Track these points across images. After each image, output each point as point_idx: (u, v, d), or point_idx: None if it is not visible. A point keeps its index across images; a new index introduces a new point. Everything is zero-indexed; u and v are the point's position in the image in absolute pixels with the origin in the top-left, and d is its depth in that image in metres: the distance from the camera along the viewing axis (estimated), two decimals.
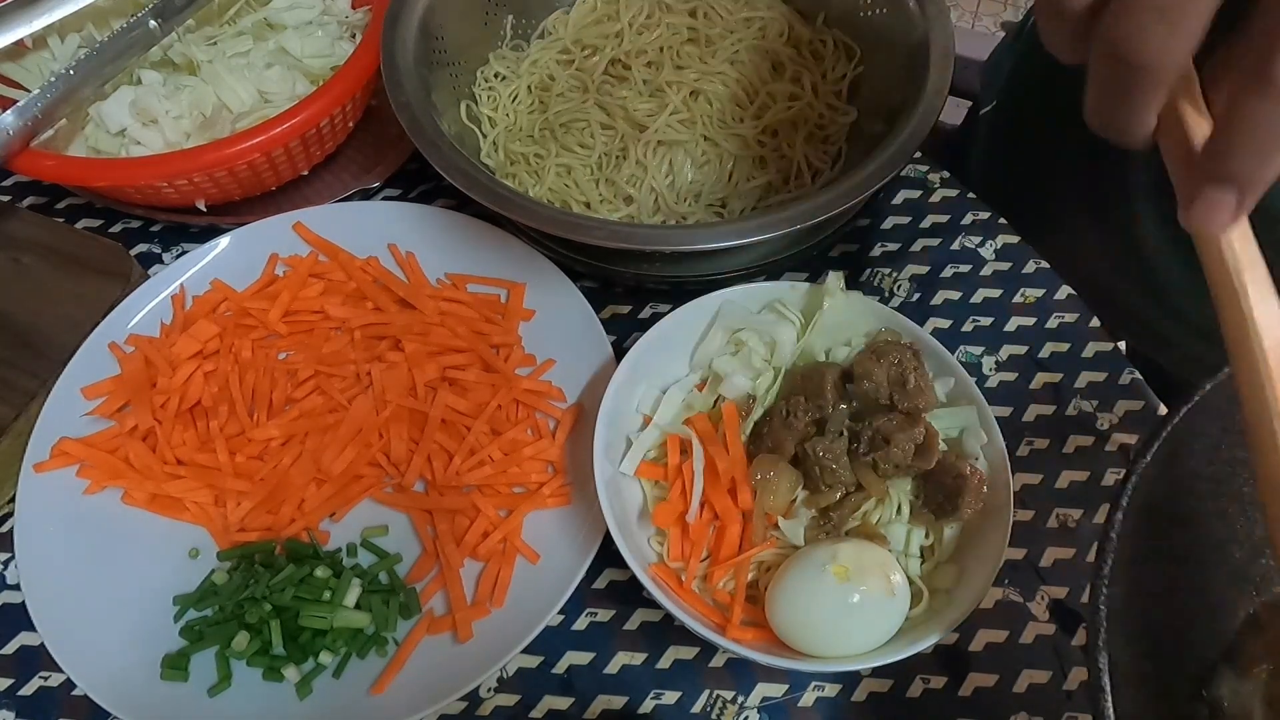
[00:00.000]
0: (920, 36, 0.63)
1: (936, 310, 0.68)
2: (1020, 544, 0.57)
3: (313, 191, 0.73)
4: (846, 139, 0.69)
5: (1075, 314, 0.67)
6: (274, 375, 0.61)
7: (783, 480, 0.51)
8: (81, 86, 0.65)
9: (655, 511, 0.52)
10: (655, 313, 0.68)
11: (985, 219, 0.72)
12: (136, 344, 0.62)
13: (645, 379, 0.56)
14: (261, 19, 0.73)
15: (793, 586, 0.48)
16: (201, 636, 0.52)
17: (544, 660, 0.54)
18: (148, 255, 0.71)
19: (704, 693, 0.53)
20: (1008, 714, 0.53)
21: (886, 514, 0.52)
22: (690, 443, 0.52)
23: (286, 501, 0.57)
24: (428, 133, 0.60)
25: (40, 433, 0.58)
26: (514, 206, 0.57)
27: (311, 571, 0.53)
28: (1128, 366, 0.65)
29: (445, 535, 0.56)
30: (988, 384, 0.64)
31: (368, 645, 0.53)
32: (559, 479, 0.58)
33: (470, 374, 0.61)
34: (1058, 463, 0.61)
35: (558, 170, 0.67)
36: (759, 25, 0.71)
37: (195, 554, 0.56)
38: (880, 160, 0.57)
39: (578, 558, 0.54)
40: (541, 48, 0.73)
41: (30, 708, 0.53)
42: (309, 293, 0.64)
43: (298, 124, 0.64)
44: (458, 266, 0.66)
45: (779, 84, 0.69)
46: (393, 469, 0.59)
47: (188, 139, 0.67)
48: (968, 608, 0.47)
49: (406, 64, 0.63)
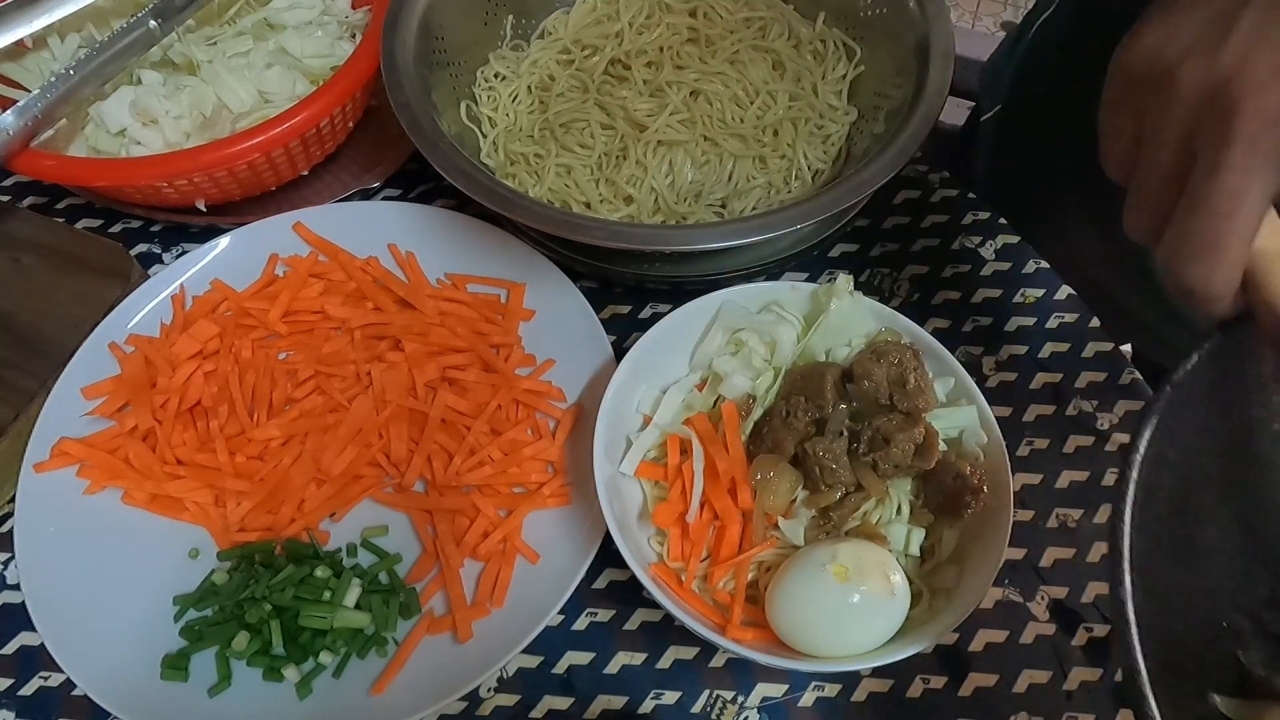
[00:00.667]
0: (920, 36, 0.63)
1: (936, 310, 0.68)
2: (1020, 544, 0.58)
3: (313, 191, 0.73)
4: (846, 139, 0.69)
5: (1075, 314, 0.67)
6: (274, 375, 0.61)
7: (783, 480, 0.51)
8: (81, 86, 0.65)
9: (655, 511, 0.52)
10: (655, 313, 0.68)
11: (985, 219, 0.72)
12: (136, 344, 0.62)
13: (645, 379, 0.56)
14: (261, 19, 0.73)
15: (793, 586, 0.48)
16: (201, 636, 0.52)
17: (544, 660, 0.54)
18: (148, 255, 0.71)
19: (704, 693, 0.53)
20: (1008, 714, 0.53)
21: (886, 514, 0.52)
22: (690, 443, 0.52)
23: (286, 501, 0.57)
24: (428, 133, 0.60)
25: (40, 433, 0.58)
26: (514, 206, 0.57)
27: (311, 571, 0.53)
28: (1128, 367, 0.65)
29: (445, 535, 0.56)
30: (988, 384, 0.64)
31: (368, 645, 0.53)
32: (559, 479, 0.58)
33: (470, 374, 0.61)
34: (1058, 463, 0.61)
35: (558, 170, 0.67)
36: (759, 25, 0.71)
37: (195, 554, 0.56)
38: (880, 160, 0.57)
39: (578, 558, 0.54)
40: (541, 48, 0.73)
41: (30, 708, 0.53)
42: (309, 293, 0.64)
43: (298, 124, 0.64)
44: (458, 266, 0.66)
45: (779, 84, 0.69)
46: (393, 469, 0.59)
47: (188, 139, 0.67)
48: (968, 608, 0.47)
49: (406, 64, 0.63)
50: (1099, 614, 0.56)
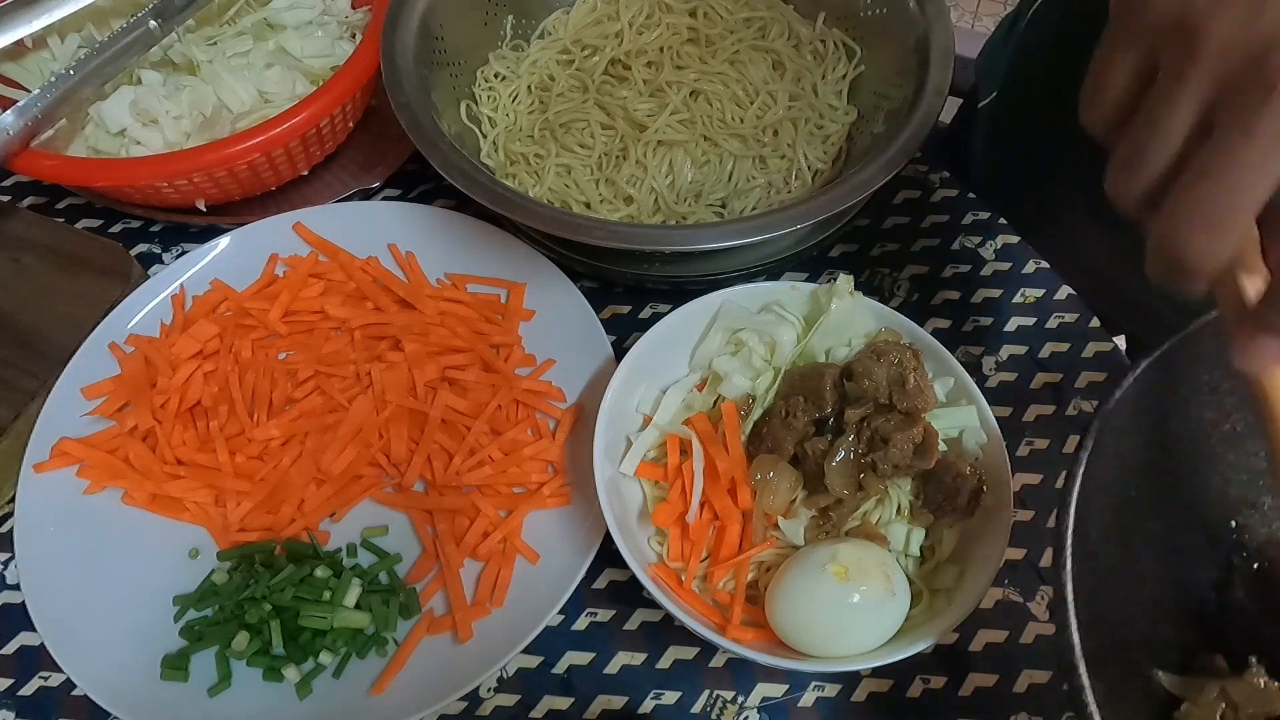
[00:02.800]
0: (920, 36, 0.63)
1: (936, 310, 0.68)
2: (1020, 544, 0.57)
3: (313, 191, 0.73)
4: (846, 139, 0.69)
5: (1075, 314, 0.67)
6: (274, 375, 0.61)
7: (782, 480, 0.51)
8: (81, 86, 0.65)
9: (655, 512, 0.52)
10: (655, 313, 0.68)
11: (985, 219, 0.72)
12: (136, 344, 0.62)
13: (645, 379, 0.56)
14: (261, 19, 0.73)
15: (793, 586, 0.48)
16: (201, 636, 0.52)
17: (544, 660, 0.54)
18: (148, 255, 0.71)
19: (704, 693, 0.53)
20: (1008, 714, 0.53)
21: (886, 514, 0.52)
22: (690, 443, 0.52)
23: (286, 501, 0.57)
24: (428, 133, 0.60)
25: (40, 433, 0.58)
26: (514, 206, 0.57)
27: (311, 571, 0.53)
28: (1128, 366, 0.65)
29: (445, 535, 0.56)
30: (988, 384, 0.64)
31: (368, 645, 0.53)
32: (559, 479, 0.58)
33: (470, 374, 0.61)
34: (1058, 463, 0.61)
35: (558, 170, 0.67)
36: (759, 25, 0.71)
37: (195, 554, 0.56)
38: (880, 160, 0.57)
39: (577, 558, 0.54)
40: (541, 48, 0.73)
41: (30, 708, 0.53)
42: (309, 293, 0.64)
43: (298, 124, 0.64)
44: (458, 266, 0.66)
45: (779, 84, 0.69)
46: (393, 469, 0.59)
47: (188, 139, 0.67)
48: (968, 608, 0.47)
49: (406, 64, 0.63)
50: None
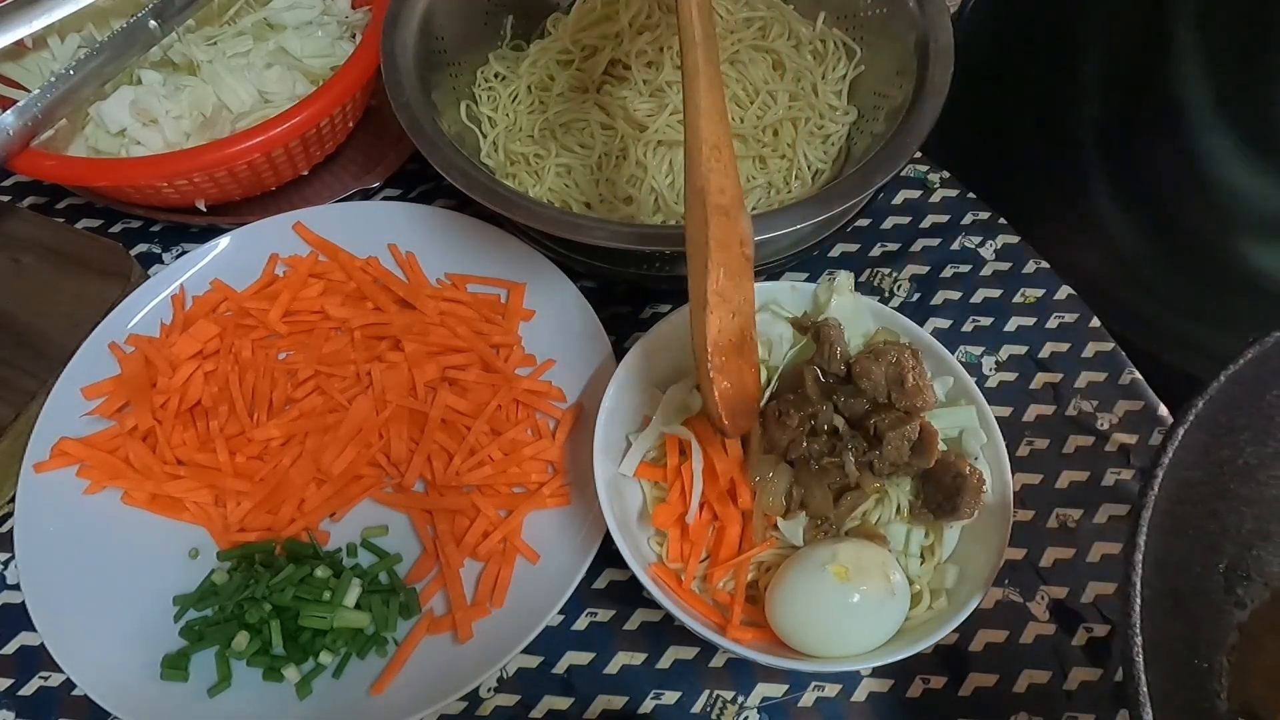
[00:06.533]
0: (920, 36, 0.63)
1: (936, 310, 0.68)
2: (1020, 544, 0.58)
3: (313, 191, 0.73)
4: (846, 139, 0.69)
5: (1075, 314, 0.67)
6: (274, 375, 0.61)
7: (781, 480, 0.51)
8: (81, 86, 0.65)
9: (655, 512, 0.52)
10: (655, 313, 0.68)
11: (985, 219, 0.72)
12: (136, 344, 0.62)
13: (645, 379, 0.56)
14: (261, 19, 0.73)
15: (792, 586, 0.48)
16: (201, 636, 0.52)
17: (544, 660, 0.54)
18: (148, 255, 0.71)
19: (704, 693, 0.53)
20: (1008, 714, 0.53)
21: (886, 514, 0.52)
22: (689, 443, 0.52)
23: (286, 501, 0.57)
24: (428, 133, 0.60)
25: (40, 433, 0.58)
26: (514, 206, 0.57)
27: (311, 571, 0.53)
28: (1128, 366, 0.65)
29: (445, 535, 0.56)
30: (988, 384, 0.64)
31: (368, 645, 0.52)
32: (559, 479, 0.58)
33: (470, 374, 0.61)
34: (1058, 463, 0.61)
35: (558, 170, 0.67)
36: (759, 25, 0.71)
37: (195, 554, 0.56)
38: (880, 160, 0.57)
39: (577, 558, 0.54)
40: (541, 48, 0.73)
41: (30, 708, 0.53)
42: (309, 293, 0.64)
43: (298, 124, 0.64)
44: (458, 266, 0.66)
45: (779, 84, 0.69)
46: (393, 469, 0.59)
47: (188, 139, 0.67)
48: (968, 608, 0.47)
49: (406, 64, 0.63)
50: (1099, 614, 0.55)
